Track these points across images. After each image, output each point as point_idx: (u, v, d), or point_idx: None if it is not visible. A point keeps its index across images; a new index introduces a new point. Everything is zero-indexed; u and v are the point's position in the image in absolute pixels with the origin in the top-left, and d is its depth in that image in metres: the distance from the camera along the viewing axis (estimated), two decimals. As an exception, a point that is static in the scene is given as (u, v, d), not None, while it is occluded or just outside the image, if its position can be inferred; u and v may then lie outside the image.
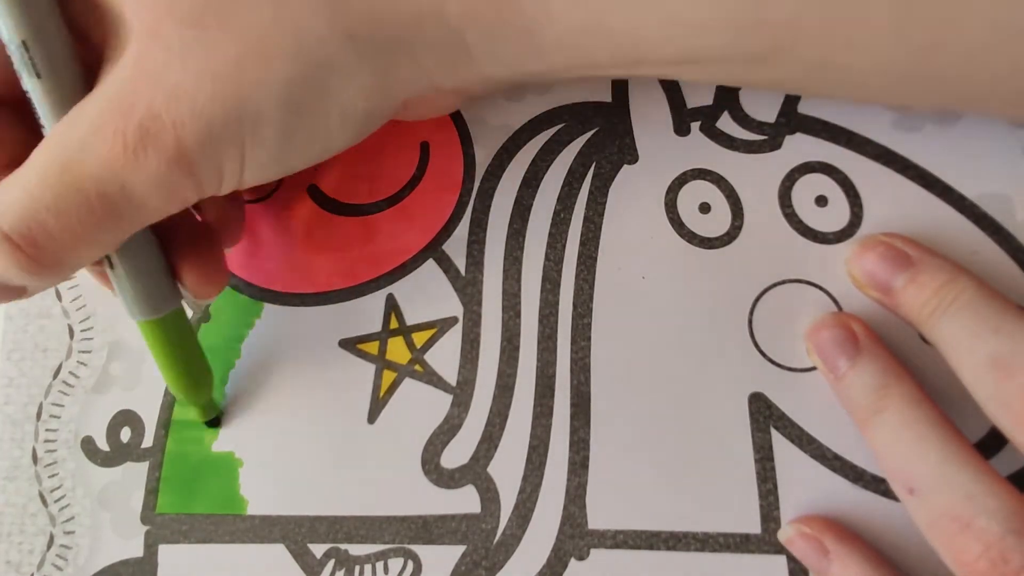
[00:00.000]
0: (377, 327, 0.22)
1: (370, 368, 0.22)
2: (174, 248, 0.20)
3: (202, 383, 0.21)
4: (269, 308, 0.23)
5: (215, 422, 0.22)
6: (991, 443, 0.18)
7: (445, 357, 0.21)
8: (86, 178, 0.15)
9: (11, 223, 0.16)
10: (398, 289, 0.22)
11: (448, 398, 0.21)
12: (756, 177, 0.20)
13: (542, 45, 0.17)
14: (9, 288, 0.17)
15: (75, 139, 0.16)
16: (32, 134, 0.18)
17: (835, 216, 0.20)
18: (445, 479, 0.21)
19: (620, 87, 0.21)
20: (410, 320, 0.22)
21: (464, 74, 0.18)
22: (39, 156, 0.16)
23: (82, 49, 0.17)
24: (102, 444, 0.23)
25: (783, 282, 0.20)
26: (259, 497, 0.22)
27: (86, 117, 0.16)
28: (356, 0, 0.16)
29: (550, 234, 0.21)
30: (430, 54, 0.17)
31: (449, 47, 0.17)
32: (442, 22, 0.17)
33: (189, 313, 0.23)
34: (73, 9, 0.17)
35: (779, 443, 0.19)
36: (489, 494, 0.20)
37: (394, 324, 0.22)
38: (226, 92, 0.16)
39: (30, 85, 0.17)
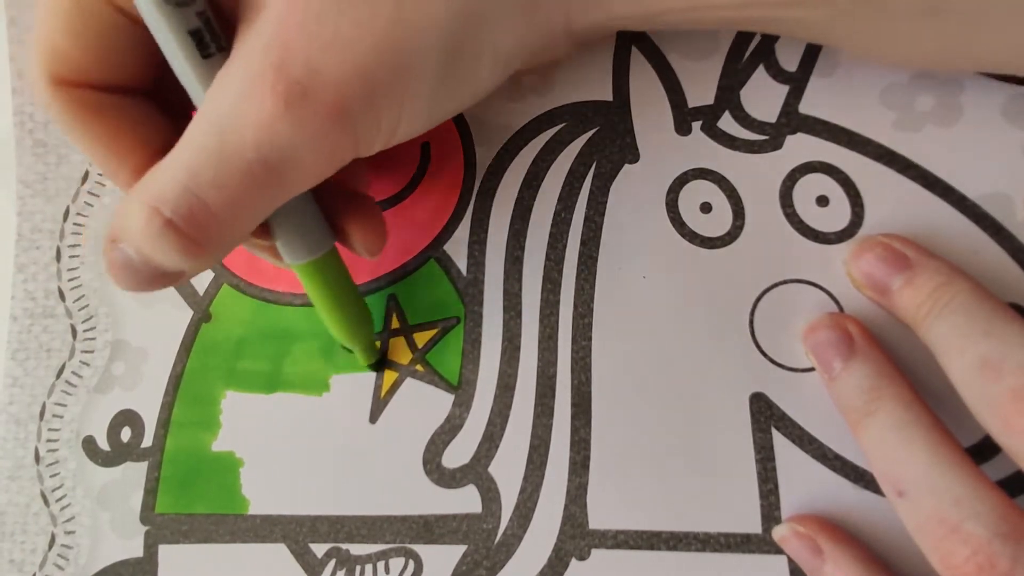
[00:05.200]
0: (378, 327, 0.23)
1: (371, 368, 0.23)
2: (338, 208, 0.20)
3: (363, 323, 0.21)
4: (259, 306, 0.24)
5: (379, 365, 0.23)
6: (986, 447, 0.18)
7: (446, 357, 0.22)
8: (246, 145, 0.15)
9: (172, 206, 0.15)
10: (399, 289, 0.23)
11: (449, 398, 0.22)
12: (757, 177, 0.21)
13: None
14: (168, 275, 0.17)
15: (227, 106, 0.15)
16: (175, 118, 0.18)
17: (836, 216, 0.21)
18: (446, 479, 0.21)
19: (621, 85, 0.22)
20: (411, 320, 0.23)
21: (595, 14, 0.19)
22: (192, 131, 0.16)
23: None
24: (103, 444, 0.24)
25: (784, 282, 0.21)
26: (260, 497, 0.23)
27: (234, 81, 0.15)
28: None
29: (551, 234, 0.22)
30: None
31: None
32: None
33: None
34: None
35: (780, 443, 0.20)
36: (490, 494, 0.21)
37: (395, 324, 0.23)
38: (386, 40, 0.15)
39: (188, 67, 0.16)
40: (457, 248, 0.23)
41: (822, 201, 0.21)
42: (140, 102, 0.18)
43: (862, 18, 0.17)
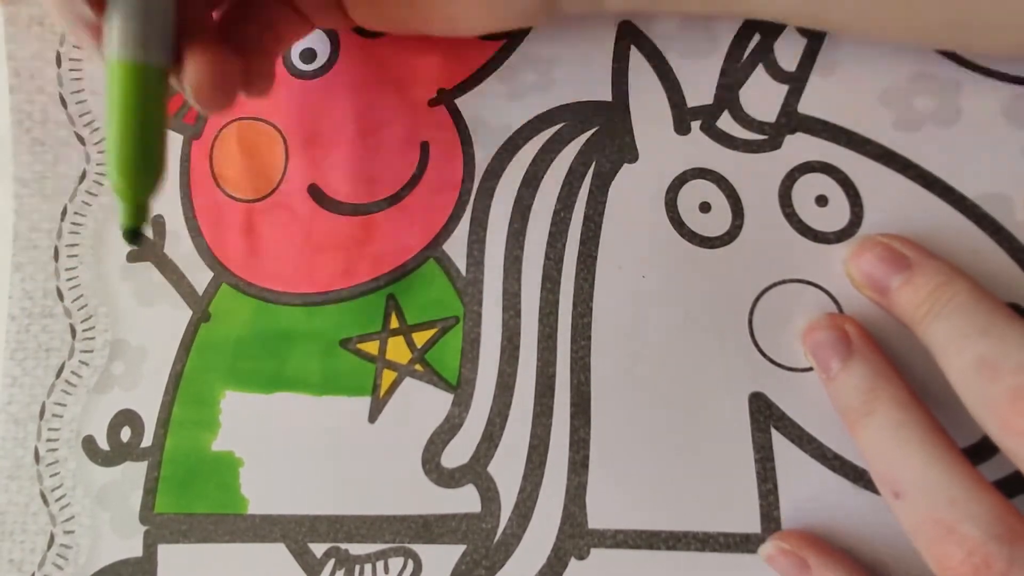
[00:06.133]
0: (377, 327, 0.23)
1: (370, 368, 0.23)
2: (187, 44, 0.18)
3: (145, 167, 0.18)
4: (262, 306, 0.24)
5: (135, 235, 0.18)
6: (984, 448, 0.18)
7: (445, 357, 0.22)
8: None
9: None
10: (398, 289, 0.23)
11: (448, 397, 0.22)
12: (756, 177, 0.21)
13: None
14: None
15: None
16: None
17: (835, 216, 0.21)
18: (445, 478, 0.22)
19: (620, 85, 0.22)
20: (410, 320, 0.23)
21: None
22: None
23: None
24: (102, 443, 0.24)
25: (783, 282, 0.21)
26: (260, 497, 0.23)
27: None
28: None
29: (550, 233, 0.22)
30: None
31: None
32: None
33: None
34: None
35: (779, 443, 0.20)
36: (489, 493, 0.21)
37: (395, 324, 0.23)
38: None
39: None
40: (456, 247, 0.23)
41: (821, 201, 0.21)
42: None
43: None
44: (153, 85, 0.17)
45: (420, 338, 0.23)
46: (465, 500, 0.21)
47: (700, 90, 0.22)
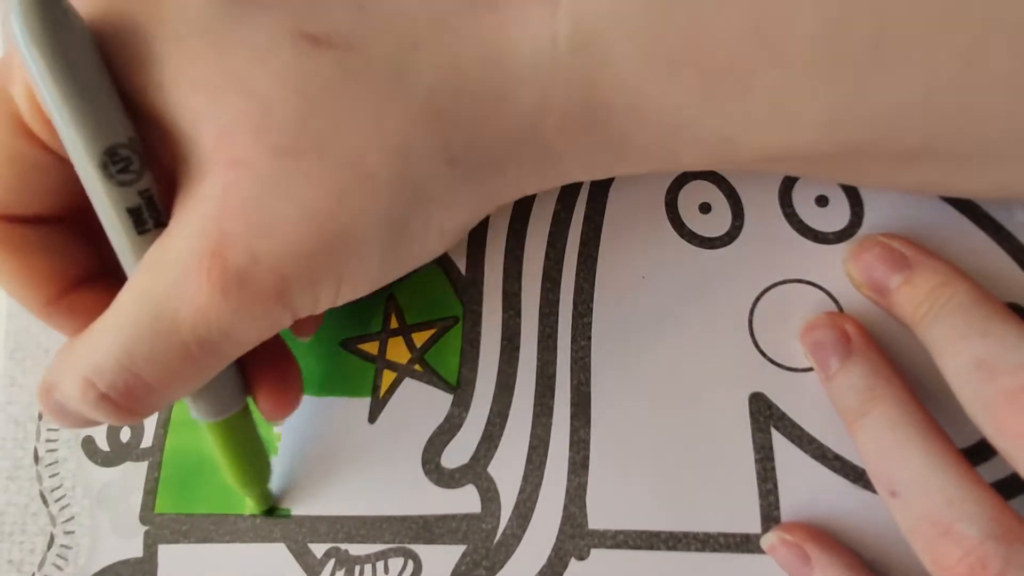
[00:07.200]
0: (377, 327, 0.23)
1: (370, 368, 0.23)
2: (250, 367, 0.20)
3: (260, 478, 0.22)
4: None
5: (271, 511, 0.22)
6: (984, 449, 0.19)
7: (445, 357, 0.22)
8: (182, 326, 0.15)
9: (108, 381, 0.16)
10: (398, 288, 0.23)
11: (448, 398, 0.22)
12: (756, 177, 0.21)
13: (631, 151, 0.18)
14: (93, 422, 0.17)
15: (163, 285, 0.15)
16: (94, 245, 0.18)
17: (835, 216, 0.21)
18: (445, 479, 0.22)
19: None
20: (410, 320, 0.23)
21: (552, 181, 0.19)
22: (127, 304, 0.16)
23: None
24: (102, 444, 0.24)
25: (783, 282, 0.21)
26: (259, 497, 0.23)
27: (172, 258, 0.15)
28: (458, 124, 0.16)
29: (550, 233, 0.22)
30: (524, 169, 0.18)
31: (542, 161, 0.18)
32: (538, 140, 0.17)
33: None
34: (142, 133, 0.16)
35: (779, 443, 0.20)
36: (489, 494, 0.21)
37: (394, 324, 0.23)
38: (328, 226, 0.15)
39: (124, 240, 0.16)
40: (456, 247, 0.23)
41: (821, 201, 0.21)
42: (56, 230, 0.18)
43: (839, 165, 0.18)
44: (238, 424, 0.20)
45: (420, 338, 0.23)
46: (465, 500, 0.21)
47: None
